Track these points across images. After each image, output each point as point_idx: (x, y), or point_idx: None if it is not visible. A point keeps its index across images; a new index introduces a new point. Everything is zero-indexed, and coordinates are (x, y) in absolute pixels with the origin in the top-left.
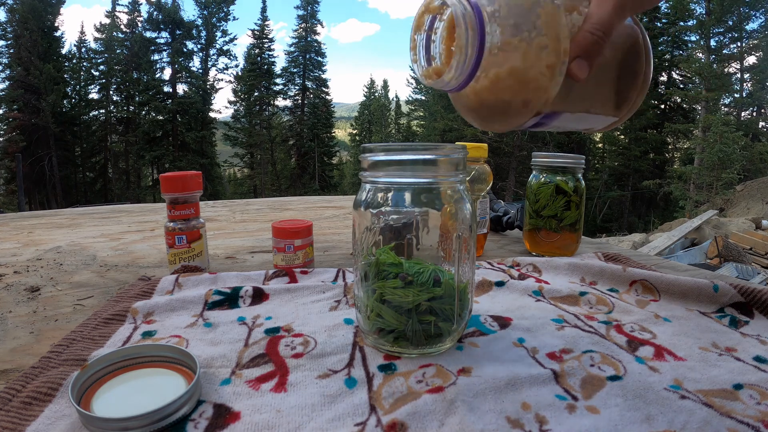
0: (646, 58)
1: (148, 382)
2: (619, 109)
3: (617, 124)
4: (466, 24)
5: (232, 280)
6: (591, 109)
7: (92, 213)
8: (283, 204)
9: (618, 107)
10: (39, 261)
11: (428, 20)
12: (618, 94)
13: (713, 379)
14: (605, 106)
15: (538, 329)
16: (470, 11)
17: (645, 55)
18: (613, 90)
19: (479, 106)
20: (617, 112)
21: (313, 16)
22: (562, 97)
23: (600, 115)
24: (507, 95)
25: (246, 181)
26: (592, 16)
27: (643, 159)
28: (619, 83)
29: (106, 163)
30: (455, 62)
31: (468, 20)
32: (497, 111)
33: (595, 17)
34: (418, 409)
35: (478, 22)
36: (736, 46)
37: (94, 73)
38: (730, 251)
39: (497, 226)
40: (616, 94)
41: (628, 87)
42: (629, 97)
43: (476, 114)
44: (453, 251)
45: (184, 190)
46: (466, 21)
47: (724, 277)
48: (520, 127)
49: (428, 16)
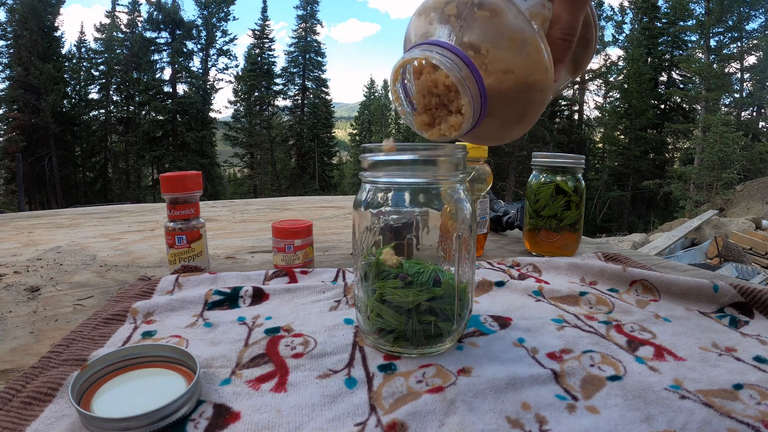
0: (594, 25)
1: (148, 382)
2: (575, 73)
3: (572, 80)
4: (468, 87)
5: (232, 280)
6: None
7: (92, 213)
8: (283, 204)
9: (574, 72)
10: (39, 261)
11: (402, 71)
12: (575, 61)
13: (713, 379)
14: (566, 76)
15: (538, 329)
16: (467, 71)
17: (593, 22)
18: (571, 61)
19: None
20: (574, 75)
21: (313, 16)
22: None
23: (561, 84)
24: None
25: (246, 181)
26: (559, 19)
27: (643, 159)
28: (576, 53)
29: (106, 163)
30: (465, 125)
31: (470, 84)
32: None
33: (563, 20)
34: (418, 409)
35: (478, 80)
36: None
37: (94, 73)
38: (730, 251)
39: (497, 226)
40: (573, 62)
41: (583, 54)
42: (584, 60)
43: (476, 140)
44: (453, 251)
45: (184, 190)
46: (467, 84)
47: (724, 277)
48: None
49: (402, 68)
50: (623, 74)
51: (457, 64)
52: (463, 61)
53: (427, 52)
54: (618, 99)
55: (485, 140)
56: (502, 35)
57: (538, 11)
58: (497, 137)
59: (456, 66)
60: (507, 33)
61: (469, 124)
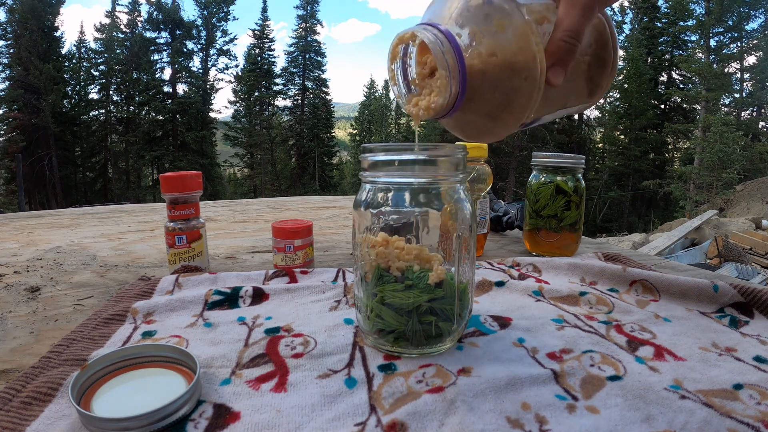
0: (613, 46)
1: (148, 382)
2: (592, 96)
3: (590, 107)
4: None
5: (232, 280)
6: (567, 103)
7: (92, 213)
8: (283, 204)
9: (591, 95)
10: (39, 261)
11: (402, 49)
12: (590, 82)
13: (713, 379)
14: (580, 96)
15: (538, 329)
16: (448, 46)
17: (612, 44)
18: (585, 81)
19: (465, 127)
20: (590, 99)
21: (313, 16)
22: (542, 102)
23: (575, 106)
24: (490, 116)
25: (246, 181)
26: (562, 22)
27: (643, 159)
28: (591, 73)
29: (106, 163)
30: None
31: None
32: (483, 130)
33: (566, 23)
34: (418, 409)
35: (458, 56)
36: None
37: (94, 73)
38: (730, 251)
39: (497, 226)
40: (588, 83)
41: (599, 75)
42: (601, 84)
43: (462, 132)
44: (453, 251)
45: (184, 190)
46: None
47: (724, 277)
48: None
49: (401, 45)
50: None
51: (441, 41)
52: (447, 38)
53: (416, 29)
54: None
55: (470, 131)
56: (489, 18)
57: (537, 9)
58: (483, 129)
59: (439, 42)
60: (494, 16)
61: (444, 99)
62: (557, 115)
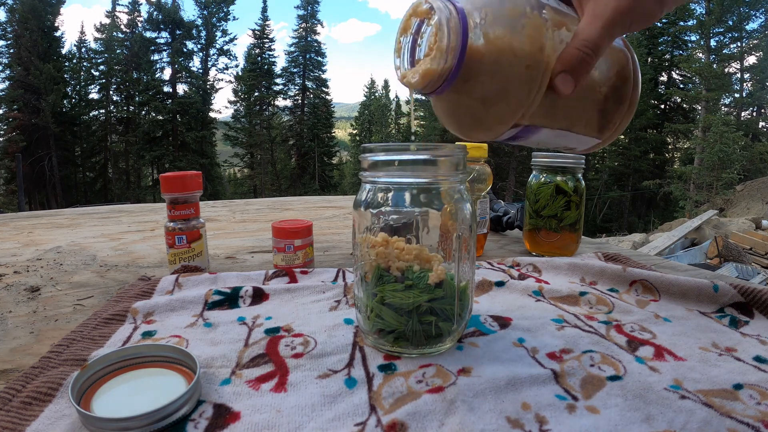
0: (633, 83)
1: (148, 382)
2: (602, 132)
3: (599, 147)
4: (449, 28)
5: (232, 280)
6: (573, 128)
7: (92, 213)
8: (283, 204)
9: (601, 130)
10: (39, 261)
11: (415, 24)
12: (602, 116)
13: (713, 379)
14: (588, 126)
15: (538, 329)
16: (455, 15)
17: (633, 80)
18: (597, 112)
19: (458, 113)
20: (600, 135)
21: (313, 16)
22: (544, 111)
23: (582, 135)
24: (485, 103)
25: (246, 181)
26: (581, 33)
27: (643, 159)
28: (605, 105)
29: (106, 163)
30: (436, 65)
31: (452, 25)
32: (475, 119)
33: (584, 34)
34: (418, 409)
35: (462, 27)
36: (736, 46)
37: (94, 73)
38: (730, 251)
39: (497, 226)
40: (600, 115)
41: (614, 111)
42: (613, 120)
43: (454, 120)
44: (453, 251)
45: (184, 190)
46: (449, 25)
47: (724, 277)
48: (500, 138)
49: (415, 19)
50: None
51: (449, 10)
52: (456, 10)
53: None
54: None
55: (462, 118)
56: (504, 2)
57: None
58: (475, 116)
59: (447, 10)
60: (512, 3)
61: (439, 65)
62: (560, 139)
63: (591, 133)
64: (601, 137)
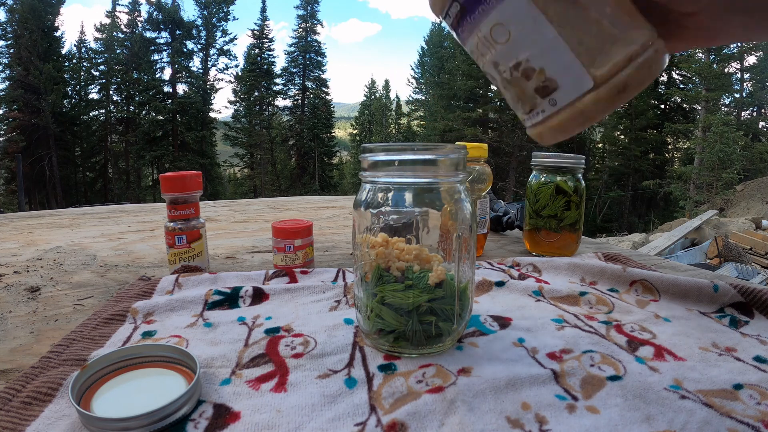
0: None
1: (148, 382)
2: (597, 66)
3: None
4: None
5: (232, 280)
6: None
7: (92, 213)
8: (283, 204)
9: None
10: (39, 261)
11: None
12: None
13: (713, 379)
14: (582, 44)
15: (538, 329)
16: None
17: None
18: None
19: None
20: (594, 69)
21: (313, 16)
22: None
23: (574, 58)
24: None
25: (246, 181)
26: None
27: (643, 159)
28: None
29: (106, 163)
30: None
31: None
32: None
33: None
34: (418, 409)
35: None
36: (736, 45)
37: (94, 73)
38: (730, 251)
39: (497, 226)
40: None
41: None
42: (611, 55)
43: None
44: (453, 251)
45: (184, 190)
46: None
47: (724, 277)
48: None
49: None
50: None
51: None
52: None
53: None
54: None
55: None
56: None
57: None
58: None
59: None
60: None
61: None
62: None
63: (585, 59)
64: (595, 74)
